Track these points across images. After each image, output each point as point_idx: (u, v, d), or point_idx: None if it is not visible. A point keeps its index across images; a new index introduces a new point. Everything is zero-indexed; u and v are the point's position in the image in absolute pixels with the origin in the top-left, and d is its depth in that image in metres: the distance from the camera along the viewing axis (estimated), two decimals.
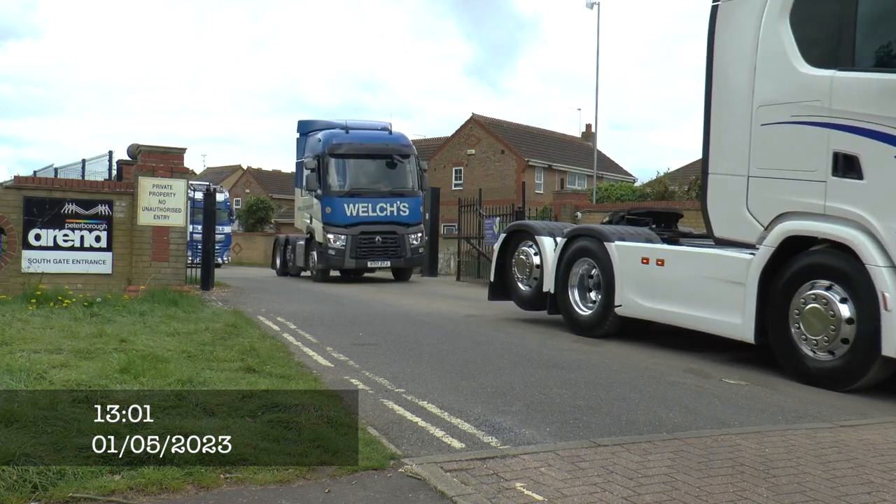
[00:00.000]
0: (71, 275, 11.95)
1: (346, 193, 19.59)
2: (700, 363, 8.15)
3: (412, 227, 20.23)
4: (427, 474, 4.19)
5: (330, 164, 19.67)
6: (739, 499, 3.97)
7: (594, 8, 25.87)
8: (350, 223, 19.42)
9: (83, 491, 3.71)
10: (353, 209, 19.52)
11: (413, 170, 20.53)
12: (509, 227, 12.05)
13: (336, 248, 19.36)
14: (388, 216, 19.81)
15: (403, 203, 20.07)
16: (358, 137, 20.23)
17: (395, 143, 20.72)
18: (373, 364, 7.50)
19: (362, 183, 19.99)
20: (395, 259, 20.03)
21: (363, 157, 20.05)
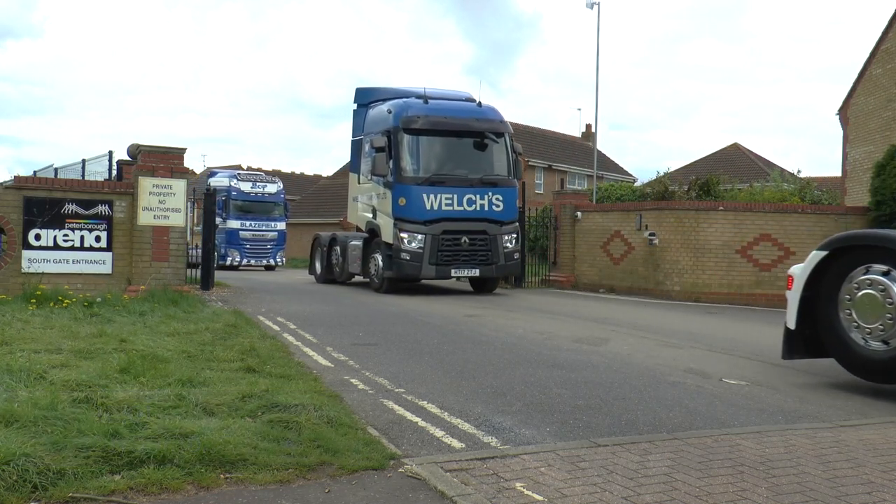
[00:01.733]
0: (71, 275, 11.96)
1: (425, 181, 15.39)
2: (700, 363, 8.15)
3: (506, 225, 16.02)
4: (427, 474, 4.19)
5: (404, 143, 15.53)
6: (739, 499, 3.97)
7: (594, 8, 25.83)
8: (430, 219, 15.34)
9: (83, 491, 3.71)
10: (435, 201, 15.34)
11: (507, 153, 16.38)
12: (835, 242, 7.13)
13: (411, 251, 15.24)
14: (477, 211, 15.68)
15: (496, 195, 15.83)
16: (440, 109, 16.08)
17: (487, 118, 16.41)
18: (373, 364, 7.50)
19: (446, 168, 15.90)
20: (485, 266, 15.82)
21: (447, 135, 15.94)
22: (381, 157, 15.60)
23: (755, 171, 36.27)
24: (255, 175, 32.44)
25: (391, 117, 15.89)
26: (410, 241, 15.28)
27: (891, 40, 21.05)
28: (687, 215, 17.02)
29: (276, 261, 31.67)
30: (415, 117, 15.66)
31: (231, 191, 30.66)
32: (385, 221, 15.90)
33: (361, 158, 17.56)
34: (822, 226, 16.50)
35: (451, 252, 15.49)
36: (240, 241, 30.54)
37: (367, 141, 16.90)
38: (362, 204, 17.54)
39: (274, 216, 31.89)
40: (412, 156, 15.70)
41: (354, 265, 17.55)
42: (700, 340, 10.03)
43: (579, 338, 9.75)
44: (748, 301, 16.28)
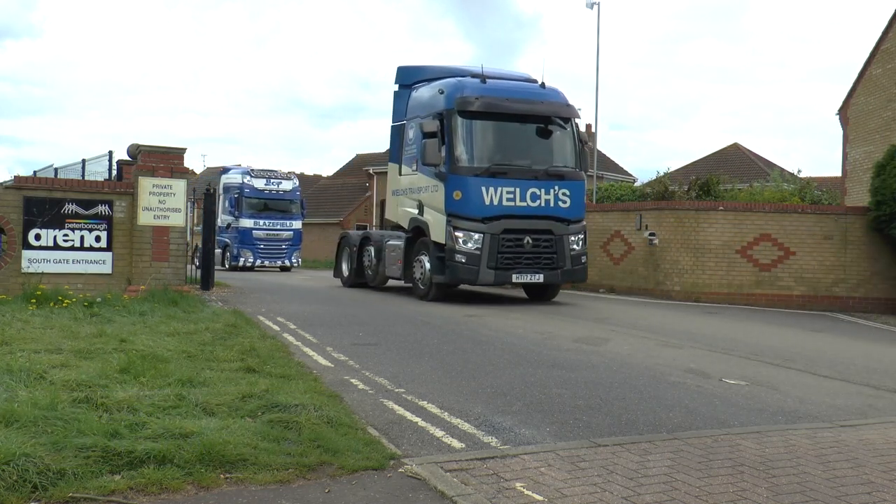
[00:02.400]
0: (71, 275, 11.95)
1: (484, 172, 13.35)
2: (700, 363, 8.15)
3: (573, 224, 14.02)
4: (427, 474, 4.19)
5: (459, 127, 13.51)
6: (739, 499, 3.97)
7: (594, 8, 25.82)
8: (489, 216, 13.32)
9: (83, 491, 3.71)
10: (495, 196, 13.35)
11: (574, 141, 14.42)
12: None
13: (467, 253, 13.21)
14: (541, 208, 13.67)
15: (563, 189, 13.86)
16: (500, 89, 14.04)
17: (553, 101, 14.35)
18: (373, 364, 7.50)
19: (507, 157, 13.87)
20: (550, 271, 13.71)
21: (508, 119, 13.92)
22: (431, 143, 13.49)
23: (755, 171, 36.25)
24: (270, 172, 30.47)
25: (443, 98, 13.90)
26: (466, 240, 13.25)
27: (891, 40, 21.05)
28: (687, 215, 17.01)
29: (291, 261, 29.85)
30: (472, 98, 13.56)
31: (244, 188, 29.09)
32: (435, 218, 13.81)
33: (403, 146, 15.50)
34: (822, 226, 16.50)
35: (512, 254, 13.42)
36: (253, 241, 28.90)
37: (411, 126, 15.05)
38: (405, 198, 15.21)
39: (289, 214, 30.01)
40: (469, 142, 13.62)
41: (393, 268, 15.57)
42: (700, 340, 10.03)
43: (579, 338, 9.75)
44: (748, 301, 16.27)
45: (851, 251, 16.45)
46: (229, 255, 29.11)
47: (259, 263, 29.03)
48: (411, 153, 15.02)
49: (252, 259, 28.83)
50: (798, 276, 16.38)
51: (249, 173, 29.59)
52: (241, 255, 28.71)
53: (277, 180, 29.92)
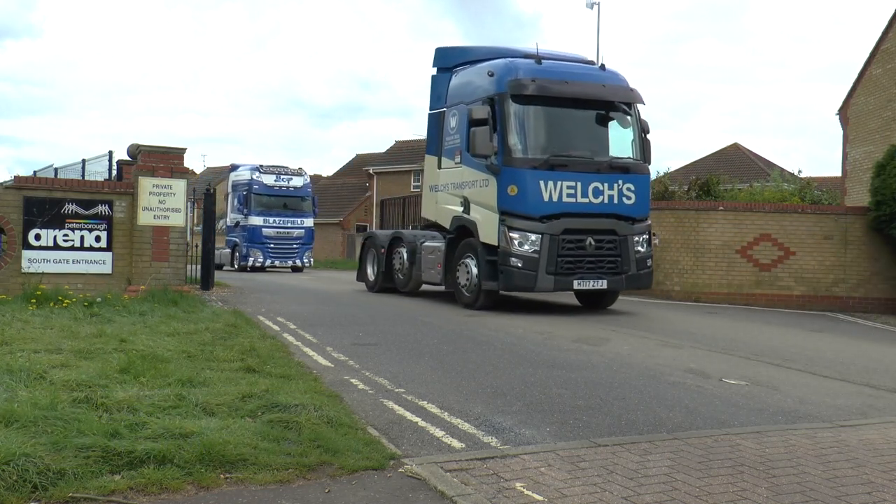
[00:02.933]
0: (71, 275, 11.95)
1: (543, 164, 11.92)
2: (700, 363, 8.15)
3: (638, 223, 12.63)
4: (427, 474, 4.19)
5: (513, 113, 12.07)
6: (739, 499, 3.97)
7: (594, 8, 25.83)
8: (548, 214, 11.90)
9: (83, 491, 3.71)
10: (555, 191, 11.91)
11: (637, 129, 12.95)
12: None
13: (524, 256, 11.72)
14: (604, 205, 12.30)
15: (628, 184, 12.47)
16: (558, 71, 12.64)
17: (616, 84, 12.92)
18: (373, 364, 7.50)
19: (566, 146, 12.46)
20: (614, 277, 12.33)
21: (567, 104, 12.47)
22: (481, 132, 11.99)
23: (755, 171, 36.24)
24: (280, 168, 29.11)
25: (494, 81, 12.43)
26: (522, 242, 11.78)
27: (891, 40, 21.05)
28: (687, 215, 17.01)
29: (303, 261, 28.65)
30: (527, 81, 12.11)
31: (253, 184, 27.93)
32: (485, 216, 12.34)
33: (443, 136, 13.93)
34: (822, 226, 16.50)
35: (574, 258, 12.00)
36: (263, 240, 27.71)
37: (452, 114, 13.60)
38: (446, 194, 13.73)
39: (300, 212, 28.73)
40: (524, 130, 12.20)
41: (430, 272, 14.02)
42: (700, 340, 10.03)
43: (579, 338, 9.75)
44: (748, 301, 16.27)
45: (851, 251, 16.45)
46: (238, 255, 28.19)
47: (269, 263, 27.97)
48: (454, 143, 13.49)
49: (262, 259, 27.74)
50: (798, 276, 16.38)
51: (258, 169, 28.47)
52: (251, 255, 27.70)
53: (288, 176, 28.75)
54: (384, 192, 48.12)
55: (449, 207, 13.59)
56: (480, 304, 12.62)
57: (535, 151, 12.14)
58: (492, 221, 12.19)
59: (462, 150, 13.03)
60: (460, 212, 13.10)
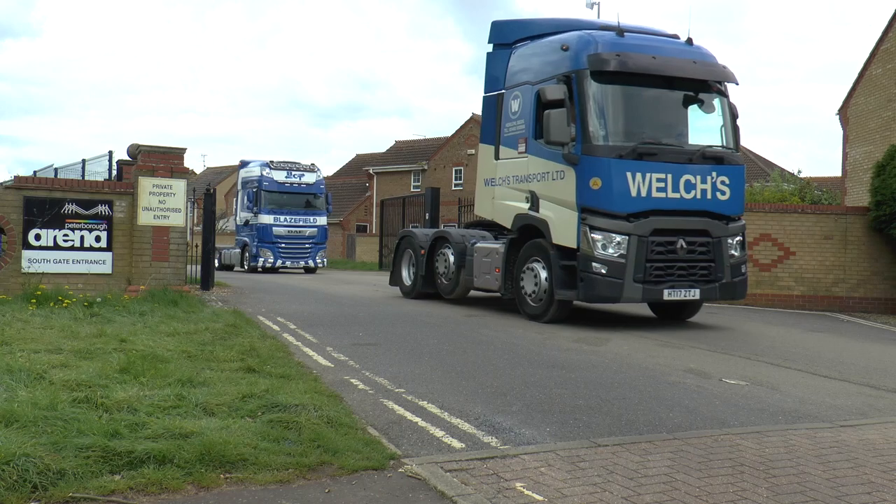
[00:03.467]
0: (71, 275, 11.96)
1: (630, 153, 10.31)
2: (700, 363, 8.15)
3: (732, 222, 11.11)
4: (427, 474, 4.19)
5: (594, 93, 10.47)
6: (739, 499, 3.97)
7: (594, 8, 25.79)
8: (636, 211, 10.32)
9: (83, 491, 3.71)
10: (643, 184, 10.30)
11: (728, 113, 11.40)
12: None
13: (609, 261, 10.12)
14: (696, 201, 10.70)
15: (722, 177, 10.89)
16: (643, 45, 10.99)
17: (707, 61, 11.27)
18: (373, 364, 7.50)
19: (654, 132, 10.91)
20: (706, 285, 10.79)
21: (656, 84, 10.86)
22: (557, 116, 10.34)
23: (755, 171, 36.27)
24: (291, 163, 27.61)
25: (569, 56, 10.81)
26: (606, 244, 10.15)
27: (891, 40, 21.05)
28: None
29: (316, 262, 27.13)
30: (609, 55, 10.49)
31: (262, 181, 26.48)
32: (559, 214, 10.71)
33: (502, 122, 12.35)
34: (821, 226, 16.49)
35: (664, 263, 10.43)
36: (273, 239, 26.22)
37: (514, 95, 12.00)
38: (506, 189, 12.11)
39: (313, 210, 27.15)
40: (607, 113, 10.58)
41: (485, 277, 12.47)
42: (700, 340, 10.02)
43: (579, 338, 9.75)
44: (748, 301, 16.21)
45: (851, 251, 16.45)
46: (248, 256, 26.91)
47: (280, 264, 26.58)
48: (516, 130, 11.88)
49: (272, 259, 26.32)
50: (798, 276, 16.38)
51: (269, 165, 27.01)
52: (261, 255, 26.27)
53: (299, 172, 27.26)
54: (384, 192, 48.18)
55: (510, 204, 11.96)
56: (552, 316, 10.95)
57: (621, 138, 10.51)
58: (568, 220, 10.54)
59: (528, 137, 11.47)
60: (525, 209, 11.48)
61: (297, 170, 27.31)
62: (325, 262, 27.87)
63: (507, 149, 12.14)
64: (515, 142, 11.90)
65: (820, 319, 14.26)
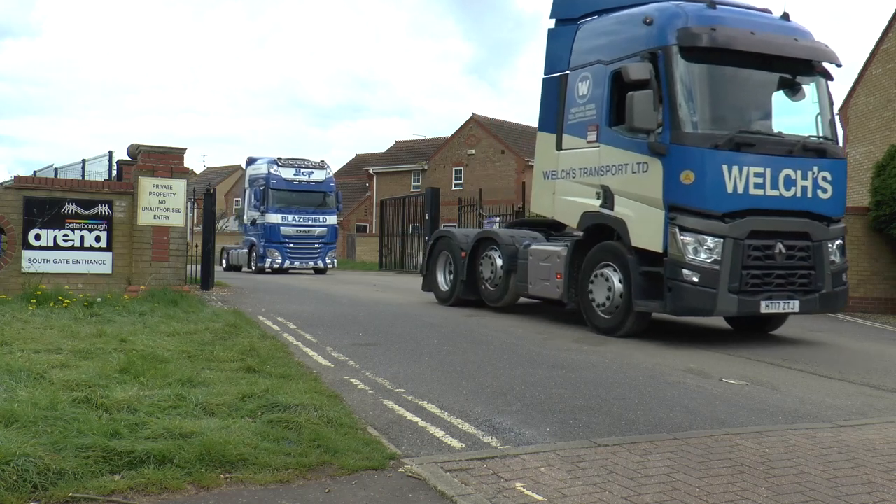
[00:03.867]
0: (71, 275, 11.96)
1: (727, 143, 8.98)
2: (700, 363, 8.15)
3: (833, 224, 9.79)
4: (427, 474, 4.19)
5: (684, 73, 9.15)
6: (739, 499, 3.97)
7: None
8: (732, 211, 9.05)
9: (83, 491, 3.71)
10: (740, 179, 9.02)
11: (829, 100, 10.16)
12: None
13: (701, 268, 8.81)
14: (796, 199, 9.42)
15: (824, 172, 9.58)
16: (741, 18, 9.66)
17: (809, 40, 9.93)
18: (373, 364, 7.50)
19: (751, 119, 9.74)
20: (806, 296, 9.46)
21: (754, 64, 9.50)
22: (643, 98, 9.00)
23: None
24: (300, 160, 26.65)
25: (654, 31, 9.47)
26: (698, 248, 8.86)
27: (891, 40, 21.06)
28: None
29: (325, 262, 26.15)
30: (702, 30, 9.14)
31: (270, 178, 25.55)
32: (640, 212, 9.39)
33: (566, 107, 10.91)
34: None
35: (761, 270, 9.12)
36: (281, 239, 25.33)
37: (582, 76, 10.60)
38: (570, 183, 10.74)
39: (323, 208, 26.23)
40: (700, 97, 9.24)
41: (543, 284, 11.18)
42: (699, 340, 10.03)
43: (579, 338, 9.75)
44: None
45: (851, 251, 16.35)
46: (255, 256, 26.07)
47: (289, 265, 25.68)
48: (585, 116, 10.49)
49: (280, 260, 25.42)
50: None
51: (276, 162, 26.04)
52: (268, 255, 25.33)
53: (308, 170, 26.32)
54: (384, 192, 48.19)
55: (576, 200, 10.58)
56: (628, 329, 9.71)
57: (714, 125, 9.19)
58: (651, 219, 9.23)
59: (600, 124, 10.13)
60: (596, 206, 10.12)
61: (306, 167, 26.39)
62: (335, 262, 27.06)
63: (573, 137, 10.76)
64: (583, 129, 10.52)
65: (820, 319, 14.25)
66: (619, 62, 9.80)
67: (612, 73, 10.00)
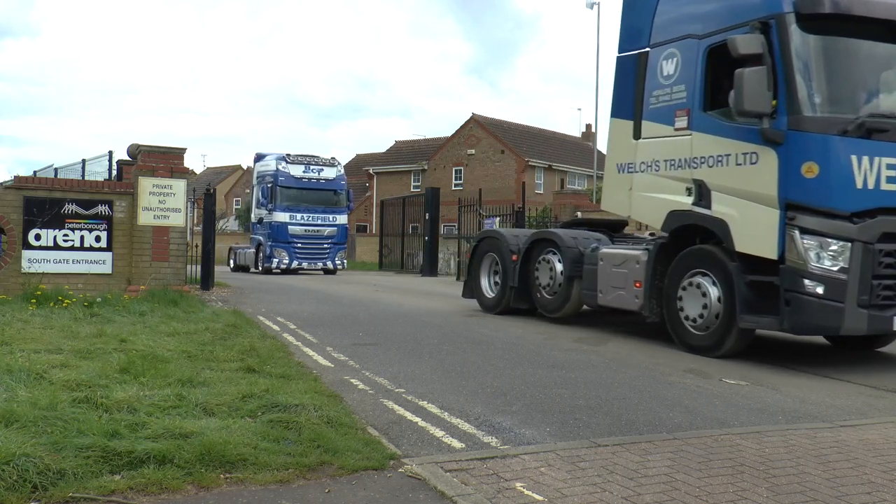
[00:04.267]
0: (71, 275, 11.96)
1: (856, 128, 7.61)
2: (700, 363, 8.14)
3: None
4: (427, 474, 4.19)
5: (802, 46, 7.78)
6: (739, 499, 3.97)
7: (594, 8, 25.83)
8: (861, 209, 7.66)
9: (83, 491, 3.71)
10: (871, 172, 7.66)
11: None
12: None
13: (827, 277, 7.48)
14: None
15: None
16: None
17: None
18: (373, 364, 7.50)
19: (881, 101, 8.31)
20: None
21: (881, 36, 8.06)
22: (754, 76, 7.64)
23: None
24: (309, 157, 25.85)
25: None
26: (821, 254, 7.53)
27: None
28: None
29: (335, 263, 25.52)
30: None
31: (278, 175, 24.89)
32: (747, 212, 8.10)
33: (647, 89, 9.56)
34: None
35: (893, 280, 7.68)
36: (289, 239, 24.73)
37: (667, 54, 9.23)
38: (653, 177, 9.41)
39: (332, 207, 25.57)
40: (821, 75, 7.87)
41: (617, 293, 9.87)
42: None
43: (579, 338, 9.75)
44: None
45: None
46: (262, 256, 25.49)
47: (297, 265, 25.05)
48: (672, 99, 9.14)
49: (288, 260, 24.83)
50: None
51: (285, 159, 25.25)
52: (275, 255, 24.82)
53: (318, 167, 25.57)
54: (384, 192, 48.22)
55: (660, 197, 9.24)
56: (727, 349, 8.38)
57: (840, 108, 7.82)
58: (761, 219, 7.90)
59: (692, 108, 8.80)
60: (686, 204, 8.83)
61: (315, 164, 25.62)
62: (344, 263, 26.36)
63: (655, 124, 9.38)
64: (669, 115, 9.13)
65: None
66: (719, 35, 8.39)
67: (707, 48, 8.63)
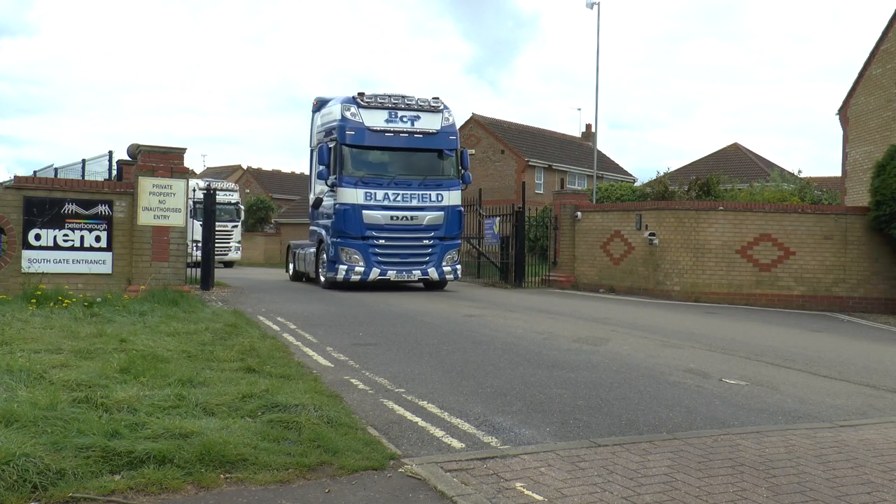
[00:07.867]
0: (71, 275, 11.95)
1: None
2: (700, 363, 8.14)
3: None
4: (427, 474, 4.19)
5: None
6: (739, 499, 3.97)
7: (594, 8, 25.77)
8: None
9: (83, 491, 3.71)
10: None
11: None
12: None
13: None
14: None
15: None
16: None
17: None
18: (373, 364, 7.50)
19: None
20: None
21: None
22: None
23: (755, 171, 36.26)
24: (396, 98, 16.58)
25: None
26: None
27: (891, 40, 21.05)
28: (687, 215, 17.01)
29: (441, 271, 16.50)
30: None
31: (346, 128, 15.97)
32: None
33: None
34: (822, 226, 16.50)
35: None
36: (365, 232, 16.01)
37: None
38: None
39: (437, 178, 16.54)
40: None
41: None
42: (700, 340, 10.03)
43: (579, 338, 9.75)
44: (748, 301, 16.27)
45: (851, 251, 16.45)
46: (323, 260, 16.84)
47: (379, 275, 16.04)
48: None
49: (364, 266, 15.95)
50: (798, 276, 16.39)
51: (356, 101, 16.24)
52: (343, 259, 15.95)
53: (411, 112, 16.48)
54: None
55: None
56: None
57: None
58: None
59: None
60: None
61: (406, 108, 16.51)
62: (457, 270, 17.00)
63: None
64: None
65: (820, 319, 14.25)
66: None
67: None
